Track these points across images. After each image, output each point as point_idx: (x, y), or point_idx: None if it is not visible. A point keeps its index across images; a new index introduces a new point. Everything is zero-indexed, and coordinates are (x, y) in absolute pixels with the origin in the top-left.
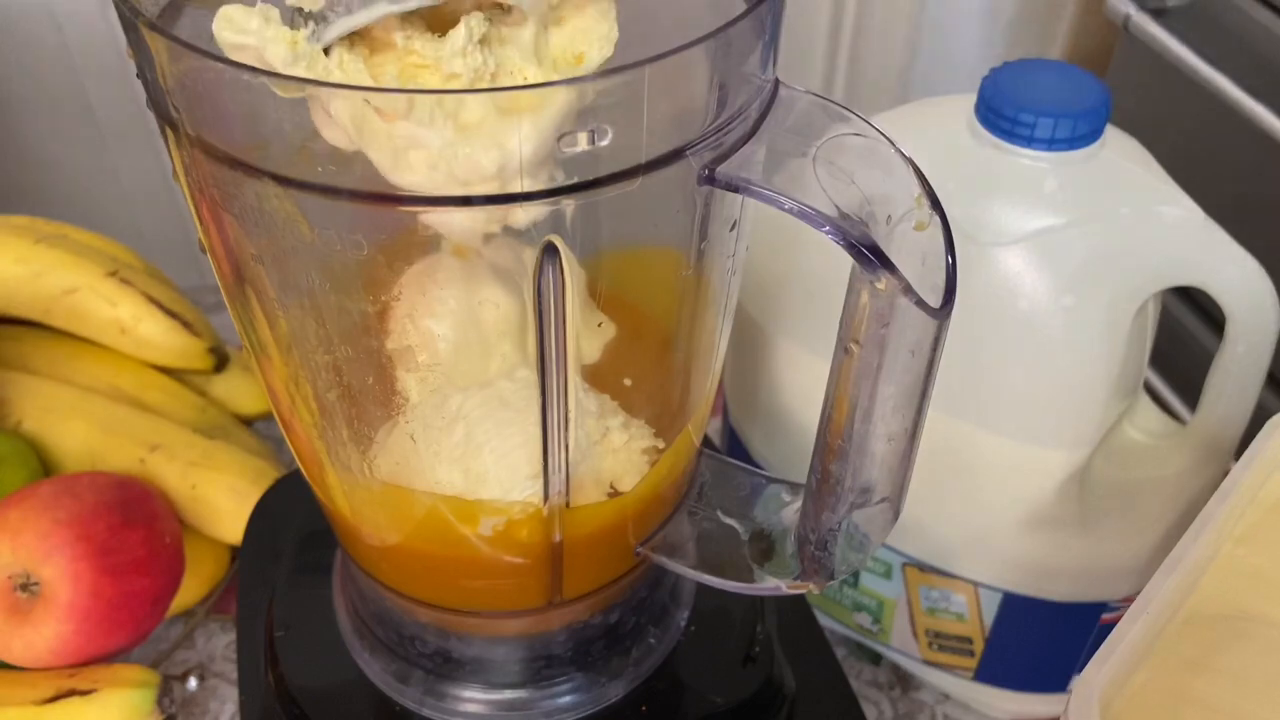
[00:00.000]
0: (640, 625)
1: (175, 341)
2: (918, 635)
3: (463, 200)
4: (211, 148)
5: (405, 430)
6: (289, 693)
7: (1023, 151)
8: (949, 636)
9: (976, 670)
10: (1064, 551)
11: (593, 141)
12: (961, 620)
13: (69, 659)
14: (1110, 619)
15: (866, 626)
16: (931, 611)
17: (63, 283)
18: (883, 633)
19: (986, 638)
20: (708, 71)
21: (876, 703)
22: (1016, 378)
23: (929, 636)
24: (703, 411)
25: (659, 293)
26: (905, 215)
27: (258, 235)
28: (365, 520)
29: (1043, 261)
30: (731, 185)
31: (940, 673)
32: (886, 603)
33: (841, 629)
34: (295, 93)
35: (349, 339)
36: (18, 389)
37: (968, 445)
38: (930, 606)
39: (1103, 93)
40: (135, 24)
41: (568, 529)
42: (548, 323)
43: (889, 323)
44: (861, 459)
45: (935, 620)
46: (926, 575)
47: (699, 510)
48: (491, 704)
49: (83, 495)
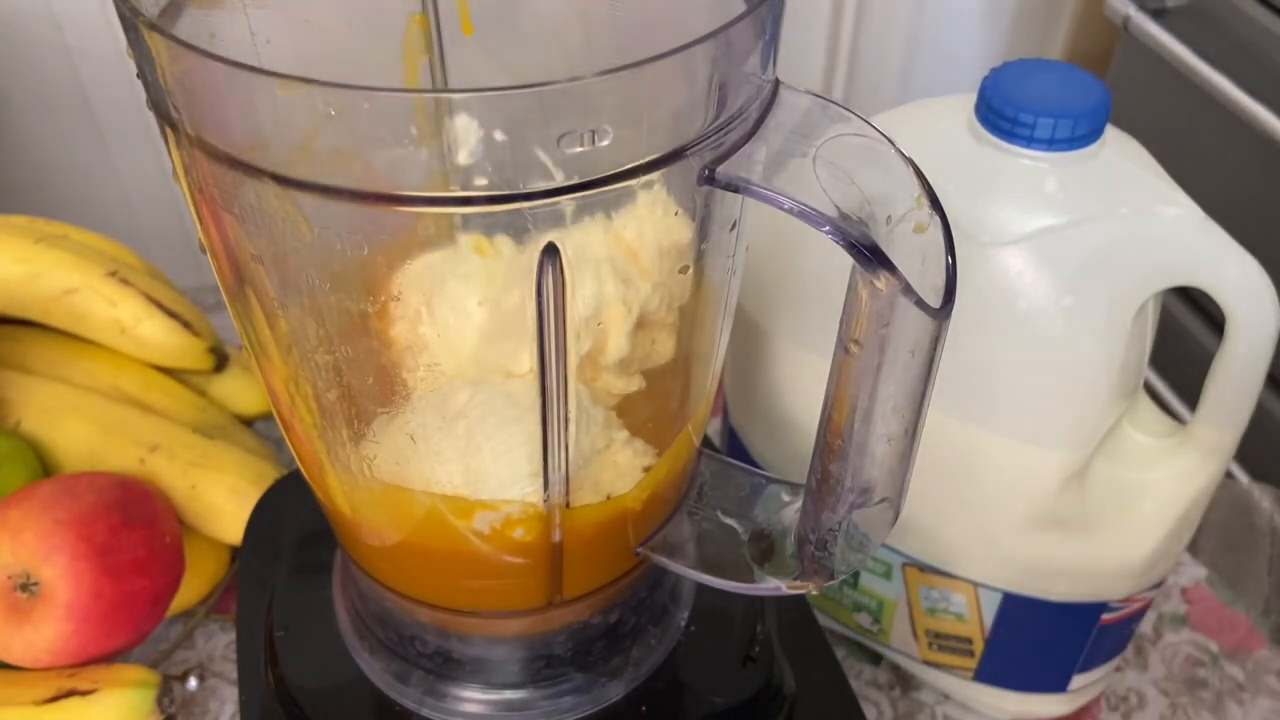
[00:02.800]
0: (640, 625)
1: (175, 341)
2: (918, 635)
3: (463, 200)
4: (211, 148)
5: (405, 430)
6: (289, 693)
7: (1023, 151)
8: (949, 637)
9: (976, 670)
10: (1064, 552)
11: (593, 142)
12: (961, 620)
13: (69, 659)
14: (1110, 619)
15: (866, 627)
16: (931, 612)
17: (63, 283)
18: (883, 633)
19: (986, 638)
20: (708, 71)
21: (876, 703)
22: (1017, 378)
23: (929, 637)
24: (702, 412)
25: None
26: (905, 215)
27: (258, 235)
28: (365, 520)
29: (1043, 261)
30: (731, 185)
31: (940, 673)
32: (886, 603)
33: (841, 629)
34: (295, 92)
35: (349, 339)
36: (18, 389)
37: (968, 446)
38: (930, 607)
39: (1103, 93)
40: (135, 24)
41: (567, 529)
42: (548, 322)
43: (889, 323)
44: (861, 459)
45: (935, 620)
46: (926, 575)
47: (699, 510)
48: (491, 704)
49: (83, 495)
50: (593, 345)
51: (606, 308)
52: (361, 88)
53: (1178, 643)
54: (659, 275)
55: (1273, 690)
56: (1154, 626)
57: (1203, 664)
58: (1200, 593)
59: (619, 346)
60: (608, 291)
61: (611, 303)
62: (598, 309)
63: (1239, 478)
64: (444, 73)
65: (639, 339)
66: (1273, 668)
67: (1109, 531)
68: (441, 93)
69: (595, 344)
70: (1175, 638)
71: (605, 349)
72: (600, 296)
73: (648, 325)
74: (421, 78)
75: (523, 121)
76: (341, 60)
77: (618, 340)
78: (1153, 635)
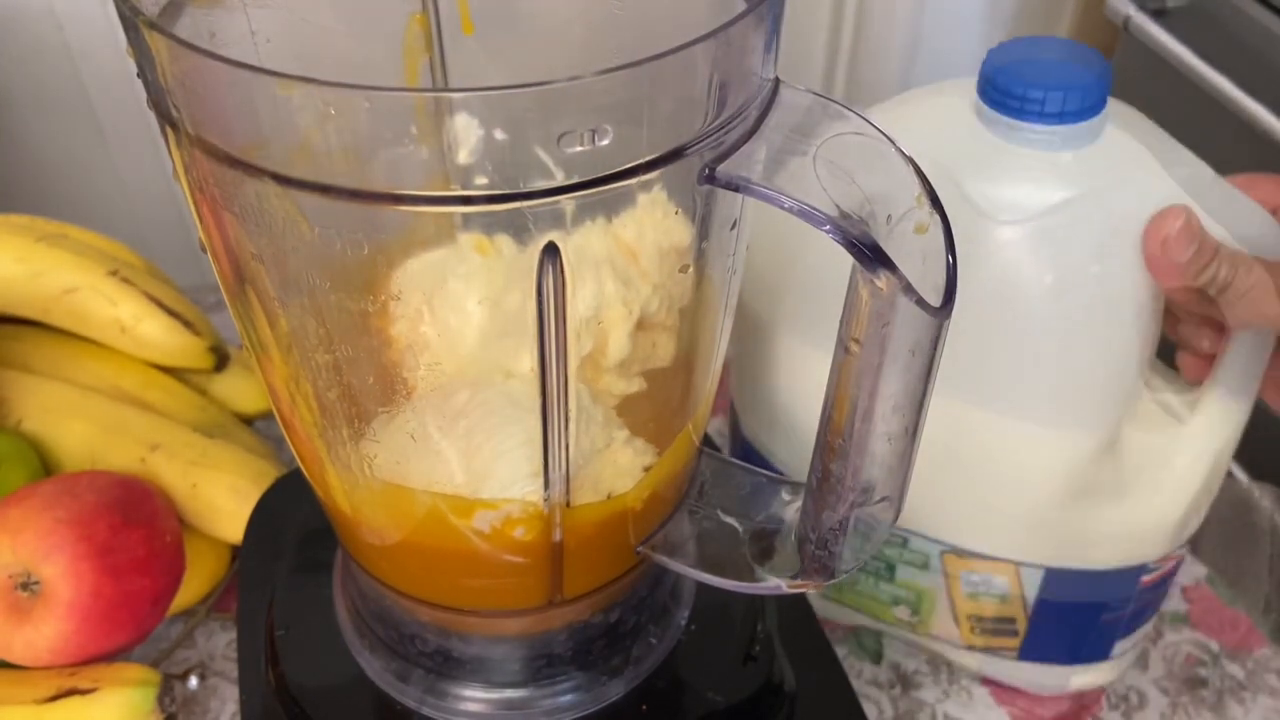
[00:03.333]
0: (640, 624)
1: (176, 341)
2: (959, 621)
3: (463, 199)
4: (211, 147)
5: (406, 429)
6: (289, 691)
7: (1034, 127)
8: (991, 619)
9: (1021, 649)
10: (1103, 519)
11: (593, 141)
12: (1004, 601)
13: (70, 658)
14: (1150, 580)
15: (905, 619)
16: (973, 596)
17: (63, 282)
18: (922, 623)
19: (1030, 615)
20: (708, 71)
21: (877, 702)
22: (1050, 358)
23: (971, 621)
24: (703, 410)
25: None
26: (905, 214)
27: (258, 235)
28: (365, 519)
29: (1066, 233)
30: (732, 184)
31: (983, 656)
32: (925, 593)
33: (876, 624)
34: (295, 92)
35: (349, 338)
36: (18, 389)
37: (1002, 433)
38: (971, 591)
39: (1103, 62)
40: (135, 23)
41: (568, 528)
42: (548, 322)
43: (889, 322)
44: (862, 458)
45: (977, 604)
46: (966, 561)
47: (699, 509)
48: (492, 703)
49: (83, 494)
50: (594, 346)
51: (607, 308)
52: (361, 87)
53: (1178, 642)
54: (659, 277)
55: (1273, 689)
56: (1154, 626)
57: (1203, 663)
58: (1200, 592)
59: (620, 348)
60: (608, 292)
61: (612, 303)
62: (598, 309)
63: (1239, 477)
64: (444, 72)
65: (640, 341)
66: (1273, 667)
67: (1145, 493)
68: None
69: (596, 345)
70: (1176, 637)
71: (606, 350)
72: (600, 297)
73: (648, 327)
74: (421, 77)
75: (523, 121)
76: (341, 60)
77: (618, 341)
78: (1153, 634)
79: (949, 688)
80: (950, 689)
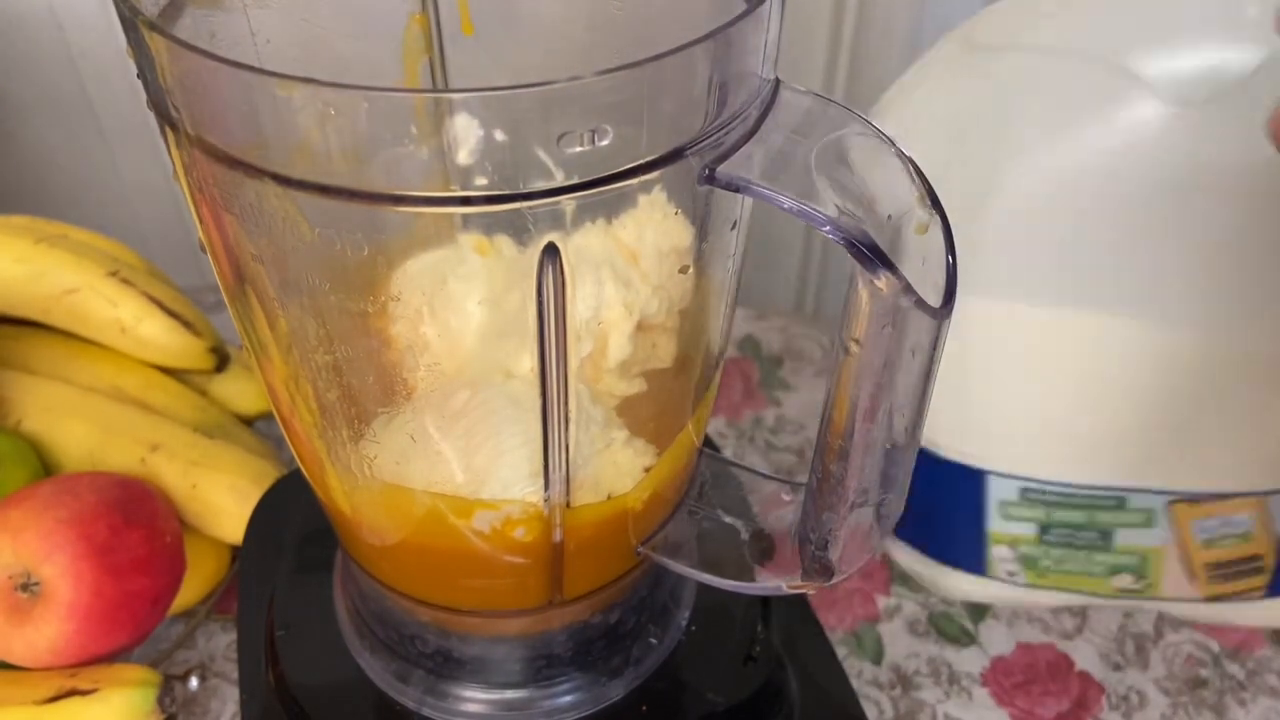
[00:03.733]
0: (641, 625)
1: (176, 341)
2: (1195, 573)
3: (463, 200)
4: (211, 148)
5: (406, 429)
6: (290, 692)
7: None
8: (1232, 563)
9: (1269, 585)
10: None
11: (593, 142)
12: (1246, 540)
13: (70, 658)
14: None
15: (1128, 587)
16: (1209, 543)
17: (63, 282)
18: (1150, 586)
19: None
20: (708, 71)
21: (877, 702)
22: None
23: (1208, 571)
24: (703, 411)
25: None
26: (905, 214)
27: (258, 235)
28: (366, 519)
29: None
30: (732, 185)
31: (1221, 606)
32: (1151, 553)
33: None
34: (295, 92)
35: (349, 339)
36: (18, 389)
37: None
38: (1207, 538)
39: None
40: (135, 23)
41: (568, 528)
42: (548, 323)
43: (889, 323)
44: (862, 459)
45: (1214, 551)
46: (1199, 506)
47: (699, 510)
48: (492, 703)
49: (83, 495)
50: (594, 347)
51: (607, 309)
52: (361, 88)
53: (1179, 642)
54: (659, 278)
55: (1273, 689)
56: (1155, 626)
57: (1204, 663)
58: None
59: (620, 349)
60: (608, 293)
61: (612, 304)
62: (598, 310)
63: None
64: (444, 72)
65: (640, 341)
66: (1273, 667)
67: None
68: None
69: (596, 346)
70: (1176, 637)
71: (606, 351)
72: (600, 298)
73: (648, 328)
74: (421, 77)
75: (523, 121)
76: (341, 60)
77: (619, 342)
78: (1154, 634)
79: (949, 688)
80: (950, 689)
